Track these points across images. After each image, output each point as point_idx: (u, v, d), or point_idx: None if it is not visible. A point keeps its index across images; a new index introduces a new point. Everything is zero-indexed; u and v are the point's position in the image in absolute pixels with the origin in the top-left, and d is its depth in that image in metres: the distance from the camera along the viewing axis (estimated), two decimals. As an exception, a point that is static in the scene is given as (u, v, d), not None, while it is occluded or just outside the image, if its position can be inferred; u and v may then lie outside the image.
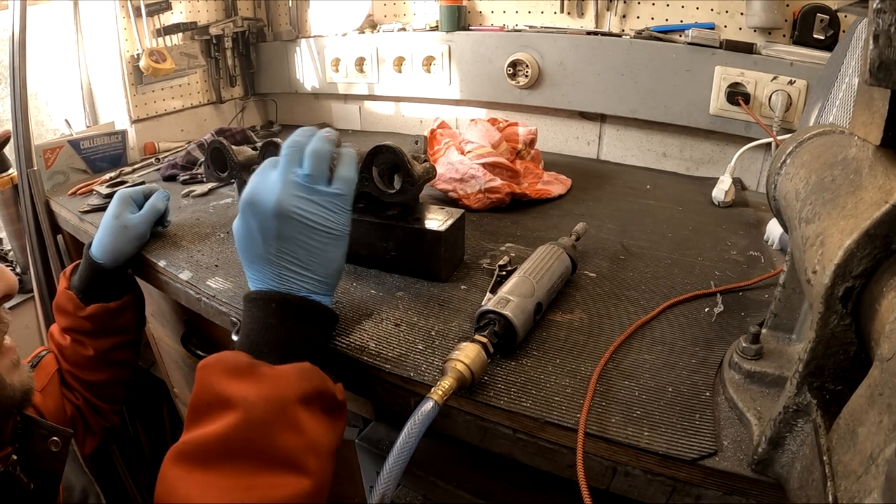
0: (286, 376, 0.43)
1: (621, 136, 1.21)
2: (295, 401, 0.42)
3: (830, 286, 0.30)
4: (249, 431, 0.40)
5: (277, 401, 0.42)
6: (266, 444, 0.40)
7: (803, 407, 0.35)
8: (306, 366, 0.45)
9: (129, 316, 0.79)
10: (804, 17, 0.94)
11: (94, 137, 1.20)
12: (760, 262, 0.72)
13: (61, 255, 1.13)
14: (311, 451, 0.42)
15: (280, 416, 0.41)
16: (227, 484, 0.39)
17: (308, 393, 0.43)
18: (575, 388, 0.49)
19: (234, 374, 0.43)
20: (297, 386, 0.43)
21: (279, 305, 0.47)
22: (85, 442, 0.77)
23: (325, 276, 0.50)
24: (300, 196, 0.48)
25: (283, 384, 0.43)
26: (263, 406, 0.41)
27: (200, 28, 1.44)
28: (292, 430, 0.42)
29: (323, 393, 0.45)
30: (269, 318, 0.47)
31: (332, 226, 0.49)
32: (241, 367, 0.43)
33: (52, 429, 0.52)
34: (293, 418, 0.42)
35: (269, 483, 0.40)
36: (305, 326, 0.48)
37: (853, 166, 0.35)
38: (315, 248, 0.49)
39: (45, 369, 0.74)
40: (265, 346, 0.46)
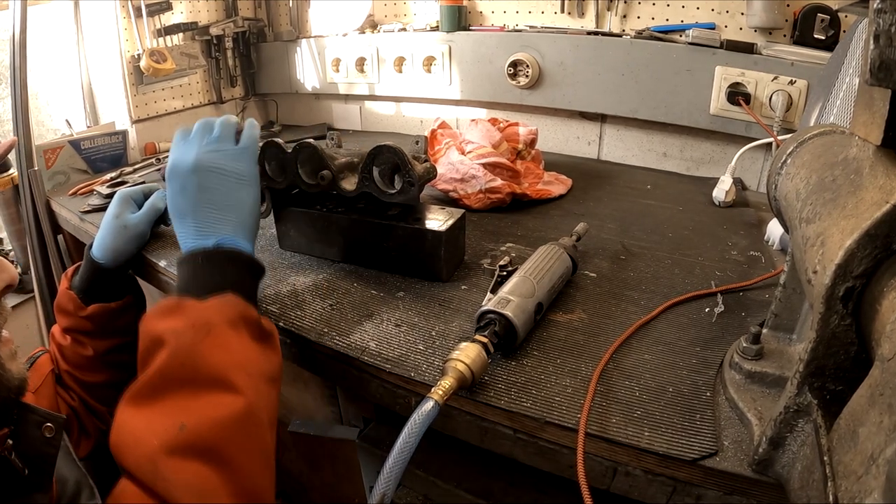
0: (210, 305, 0.47)
1: (622, 136, 1.21)
2: (222, 324, 0.45)
3: (831, 286, 0.30)
4: (181, 357, 0.43)
5: (203, 325, 0.45)
6: (197, 365, 0.43)
7: (804, 407, 0.35)
8: (229, 295, 0.48)
9: (130, 317, 0.79)
10: (805, 17, 0.94)
11: (94, 137, 1.20)
12: (761, 263, 0.72)
13: (62, 255, 1.13)
14: (241, 369, 0.44)
15: (206, 338, 0.44)
16: (169, 412, 0.41)
17: (232, 317, 0.46)
18: (575, 388, 0.49)
19: (164, 314, 0.46)
20: (220, 311, 0.46)
21: (203, 257, 0.52)
22: (80, 444, 0.76)
23: (239, 218, 0.56)
24: (212, 152, 0.56)
25: (208, 311, 0.46)
26: (191, 333, 0.44)
27: (201, 28, 1.44)
28: (220, 349, 0.44)
29: (248, 318, 0.48)
30: (195, 269, 0.51)
31: (240, 172, 0.57)
32: (169, 305, 0.47)
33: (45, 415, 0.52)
34: (220, 339, 0.45)
35: (205, 404, 0.42)
36: (229, 268, 0.52)
37: (854, 166, 0.35)
38: (228, 192, 0.56)
39: (40, 370, 0.74)
40: (193, 289, 0.49)
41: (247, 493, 0.41)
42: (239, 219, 0.56)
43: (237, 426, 0.42)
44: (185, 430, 0.39)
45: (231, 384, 0.43)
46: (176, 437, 0.39)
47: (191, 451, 0.39)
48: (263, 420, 0.44)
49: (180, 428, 0.39)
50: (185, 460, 0.39)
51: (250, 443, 0.42)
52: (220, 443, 0.40)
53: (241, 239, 0.55)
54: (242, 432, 0.42)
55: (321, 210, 0.71)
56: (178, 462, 0.39)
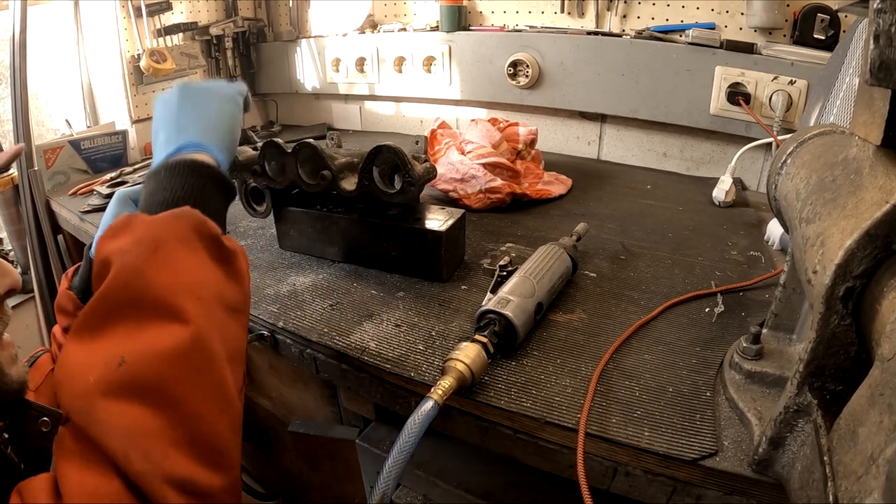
0: (160, 219, 0.42)
1: (622, 136, 1.21)
2: (171, 241, 0.40)
3: (831, 286, 0.30)
4: (124, 278, 0.38)
5: (150, 242, 0.40)
6: (140, 288, 0.38)
7: (804, 407, 0.35)
8: (183, 208, 0.43)
9: (130, 316, 0.79)
10: (805, 17, 0.94)
11: (94, 138, 1.20)
12: (761, 263, 0.72)
13: (62, 255, 1.13)
14: (190, 293, 0.39)
15: (153, 256, 0.39)
16: (109, 343, 0.37)
17: (186, 233, 0.41)
18: (575, 388, 0.49)
19: (114, 233, 0.42)
20: (171, 226, 0.41)
21: (167, 169, 0.47)
22: None
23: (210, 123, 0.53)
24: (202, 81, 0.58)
25: (156, 226, 0.41)
26: (136, 250, 0.39)
27: (201, 28, 1.44)
28: (167, 268, 0.39)
29: (204, 234, 0.42)
30: (158, 182, 0.47)
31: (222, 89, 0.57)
32: (119, 223, 0.42)
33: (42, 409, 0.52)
34: (168, 257, 0.40)
35: (148, 334, 0.37)
36: (190, 180, 0.47)
37: (854, 166, 0.35)
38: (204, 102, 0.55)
39: (41, 369, 0.74)
40: (152, 206, 0.45)
41: (196, 439, 0.36)
42: (209, 124, 0.53)
43: (182, 360, 0.36)
44: (123, 365, 0.35)
45: (177, 310, 0.38)
46: (113, 373, 0.35)
47: (129, 389, 0.35)
48: (217, 353, 0.39)
49: (119, 363, 0.35)
50: (122, 401, 0.35)
51: (200, 379, 0.37)
52: (163, 380, 0.36)
53: (210, 146, 0.51)
54: (189, 367, 0.37)
55: (321, 210, 0.71)
56: (115, 403, 0.35)
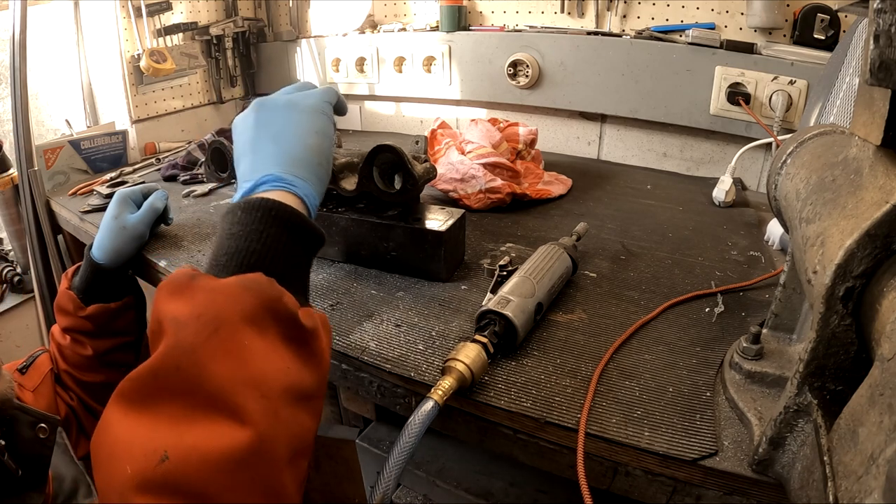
0: (226, 289, 0.35)
1: (622, 136, 1.21)
2: (236, 320, 0.34)
3: (831, 286, 0.30)
4: (177, 358, 0.33)
5: (211, 319, 0.33)
6: (195, 374, 0.32)
7: (804, 407, 0.35)
8: (255, 276, 0.36)
9: (130, 317, 0.79)
10: (804, 17, 0.94)
11: (94, 137, 1.20)
12: (761, 263, 0.72)
13: (62, 255, 1.13)
14: (253, 387, 0.33)
15: (213, 338, 0.33)
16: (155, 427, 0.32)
17: (255, 310, 0.35)
18: (575, 389, 0.49)
19: (173, 291, 0.36)
20: (239, 301, 0.34)
21: (244, 210, 0.40)
22: (79, 444, 0.76)
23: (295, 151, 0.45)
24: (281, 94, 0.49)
25: (222, 299, 0.34)
26: (194, 326, 0.33)
27: (201, 28, 1.44)
28: (227, 357, 0.33)
29: (278, 311, 0.36)
30: (233, 226, 0.40)
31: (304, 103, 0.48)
32: (180, 280, 0.36)
33: (39, 416, 0.52)
34: (230, 343, 0.33)
35: (199, 429, 0.31)
36: (269, 230, 0.40)
37: (854, 166, 0.35)
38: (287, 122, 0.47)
39: (39, 369, 0.74)
40: (223, 256, 0.39)
41: None
42: (292, 150, 0.45)
43: (235, 468, 0.31)
44: (166, 462, 0.30)
45: (235, 408, 0.32)
46: (154, 469, 0.30)
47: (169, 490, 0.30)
48: (279, 456, 0.33)
49: (161, 458, 0.30)
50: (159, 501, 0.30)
51: (253, 488, 0.32)
52: (209, 487, 0.30)
53: (294, 180, 0.43)
54: (242, 476, 0.31)
55: (321, 210, 0.71)
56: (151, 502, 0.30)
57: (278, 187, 0.43)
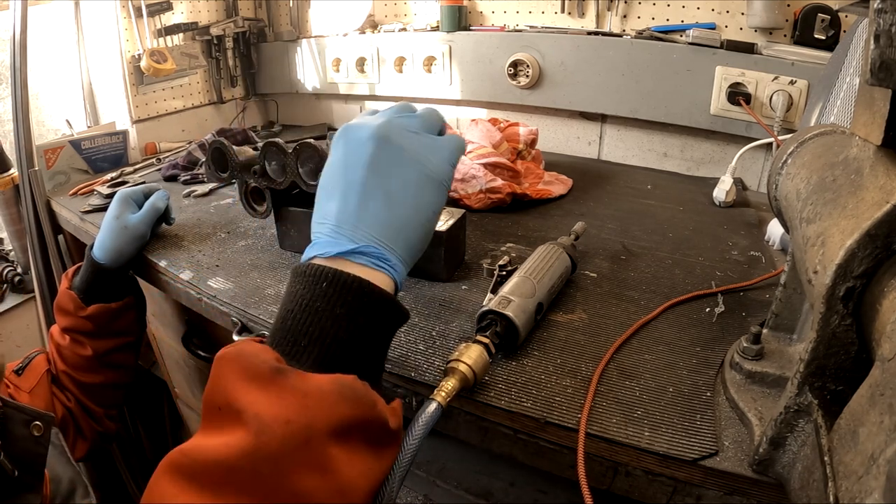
0: (320, 394, 0.32)
1: (622, 136, 1.21)
2: (326, 433, 0.32)
3: (831, 286, 0.30)
4: (258, 462, 0.30)
5: (302, 429, 0.31)
6: (278, 483, 0.30)
7: (804, 407, 0.35)
8: (351, 382, 0.34)
9: (130, 317, 0.79)
10: (805, 17, 0.93)
11: (95, 137, 1.20)
12: (761, 263, 0.72)
13: (62, 255, 1.13)
14: (338, 497, 0.32)
15: (302, 450, 0.31)
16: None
17: (347, 422, 0.33)
18: (576, 389, 0.49)
19: (252, 379, 0.33)
20: (333, 411, 0.32)
21: (331, 285, 0.36)
22: (76, 446, 0.76)
23: (407, 227, 0.40)
24: (406, 130, 0.42)
25: (315, 405, 0.32)
26: (281, 433, 0.31)
27: (201, 28, 1.44)
28: (317, 471, 0.31)
29: (370, 422, 0.34)
30: (315, 300, 0.36)
31: (434, 166, 0.41)
32: (261, 370, 0.33)
33: (33, 413, 0.51)
34: (320, 456, 0.31)
35: None
36: (361, 319, 0.37)
37: (854, 166, 0.35)
38: (408, 181, 0.40)
39: (35, 370, 0.74)
40: (303, 337, 0.36)
41: None
42: (406, 228, 0.40)
43: None
44: None
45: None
46: None
47: None
48: None
49: None
50: None
51: None
52: None
53: (395, 259, 0.39)
54: None
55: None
56: None
57: (377, 266, 0.38)
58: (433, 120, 0.45)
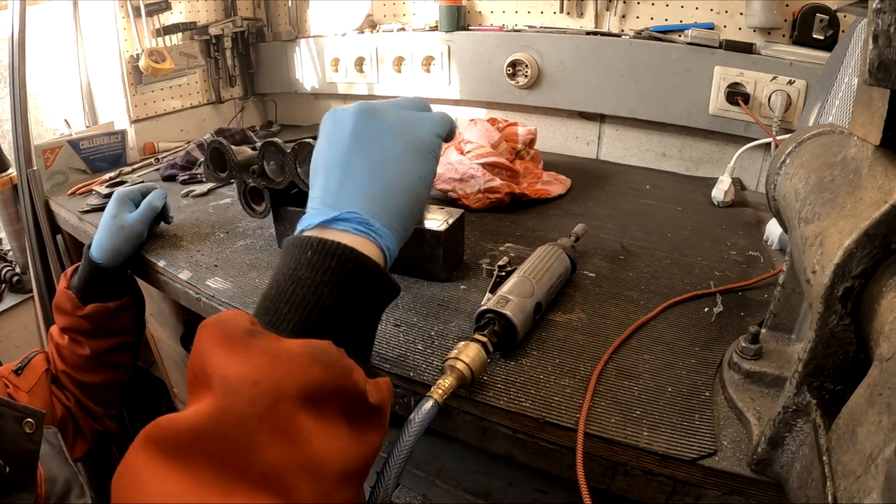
0: (291, 356, 0.31)
1: (621, 136, 1.21)
2: (295, 396, 0.30)
3: (830, 286, 0.30)
4: (224, 426, 0.29)
5: (269, 391, 0.30)
6: (244, 448, 0.29)
7: (803, 407, 0.35)
8: (325, 346, 0.32)
9: (128, 317, 0.79)
10: (804, 17, 0.94)
11: (93, 137, 1.20)
12: (760, 262, 0.72)
13: (60, 255, 1.13)
14: (307, 471, 0.30)
15: (268, 414, 0.29)
16: (190, 488, 0.29)
17: (320, 387, 0.31)
18: (574, 388, 0.49)
19: (225, 342, 0.31)
20: (304, 374, 0.30)
21: (315, 252, 0.35)
22: (75, 446, 0.76)
23: (389, 192, 0.40)
24: (390, 106, 0.43)
25: (284, 369, 0.30)
26: (248, 394, 0.29)
27: (200, 28, 1.44)
28: (283, 437, 0.30)
29: (345, 390, 0.32)
30: (300, 268, 0.35)
31: (418, 135, 0.42)
32: (235, 334, 0.31)
33: (24, 410, 0.51)
34: (288, 420, 0.30)
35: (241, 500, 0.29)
36: (346, 285, 0.35)
37: (852, 166, 0.35)
38: (388, 150, 0.40)
39: (34, 370, 0.74)
40: (285, 304, 0.35)
41: None
42: (390, 194, 0.40)
43: None
44: None
45: (285, 490, 0.29)
46: None
47: None
48: None
49: None
50: None
51: None
52: None
53: (381, 226, 0.39)
54: None
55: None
56: None
57: (361, 232, 0.38)
58: (418, 101, 0.46)
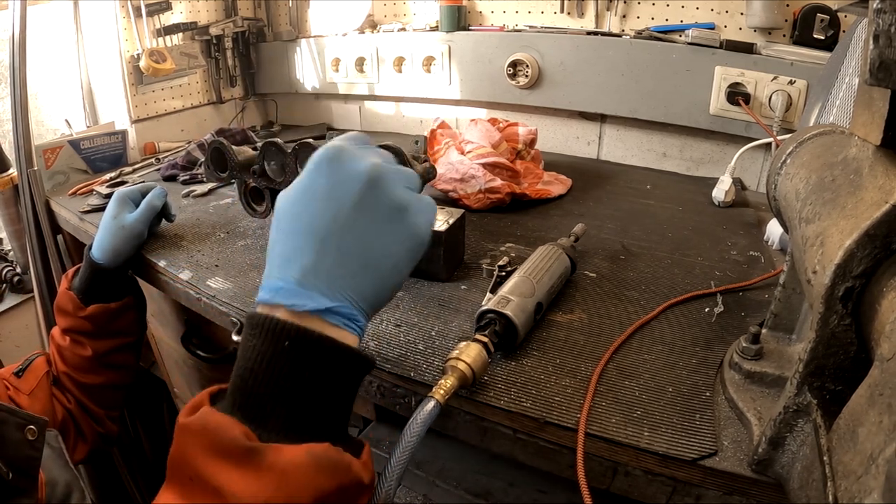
0: (296, 468, 0.32)
1: (621, 136, 1.21)
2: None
3: (830, 286, 0.30)
4: None
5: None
6: None
7: (803, 407, 0.35)
8: (325, 451, 0.33)
9: (130, 318, 0.79)
10: (804, 17, 0.94)
11: (94, 137, 1.20)
12: (760, 262, 0.72)
13: (61, 255, 1.13)
14: None
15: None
16: None
17: (326, 493, 0.32)
18: (575, 388, 0.49)
19: (225, 456, 0.32)
20: (311, 485, 0.32)
21: (294, 345, 0.34)
22: (76, 447, 0.76)
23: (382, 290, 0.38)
24: (397, 179, 0.39)
25: (293, 482, 0.31)
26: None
27: (200, 28, 1.44)
28: None
29: (346, 487, 0.34)
30: (277, 360, 0.34)
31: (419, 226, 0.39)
32: (234, 448, 0.32)
33: (27, 417, 0.51)
34: None
35: None
36: (330, 380, 0.35)
37: (853, 166, 0.35)
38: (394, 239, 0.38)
39: (35, 372, 0.74)
40: (269, 400, 0.34)
41: None
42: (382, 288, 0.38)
43: None
44: None
45: None
46: None
47: None
48: None
49: None
50: None
51: None
52: None
53: (364, 320, 0.38)
54: None
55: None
56: None
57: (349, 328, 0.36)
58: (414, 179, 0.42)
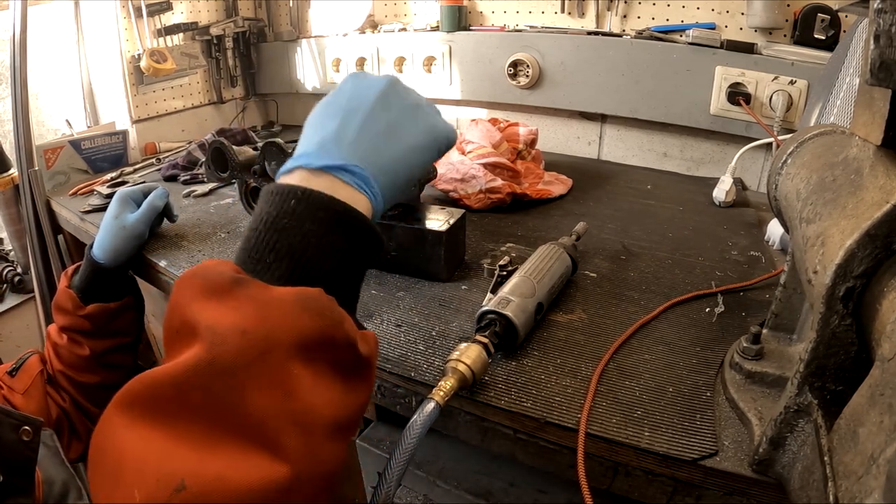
0: (282, 305, 0.30)
1: (622, 136, 1.21)
2: (287, 346, 0.29)
3: (831, 286, 0.30)
4: (210, 377, 0.28)
5: (259, 340, 0.28)
6: (231, 400, 0.28)
7: (804, 407, 0.35)
8: (315, 294, 0.31)
9: (129, 318, 0.79)
10: (805, 17, 0.93)
11: (94, 137, 1.20)
12: (761, 263, 0.72)
13: (62, 255, 1.13)
14: (296, 424, 0.29)
15: (259, 364, 0.28)
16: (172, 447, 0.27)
17: (311, 336, 0.30)
18: (576, 389, 0.49)
19: (209, 292, 0.30)
20: (296, 323, 0.29)
21: (300, 202, 0.33)
22: (70, 446, 0.76)
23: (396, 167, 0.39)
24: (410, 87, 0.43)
25: (276, 315, 0.29)
26: (237, 343, 0.28)
27: (201, 28, 1.44)
28: (275, 389, 0.28)
29: (336, 339, 0.31)
30: (282, 216, 0.33)
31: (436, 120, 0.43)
32: (219, 282, 0.30)
33: (22, 418, 0.51)
34: (279, 373, 0.28)
35: (227, 458, 0.27)
36: (333, 237, 0.34)
37: (854, 166, 0.35)
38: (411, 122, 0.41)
39: (29, 371, 0.73)
40: (269, 252, 0.33)
41: None
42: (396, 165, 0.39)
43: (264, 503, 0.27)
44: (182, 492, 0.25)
45: (273, 443, 0.28)
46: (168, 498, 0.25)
47: None
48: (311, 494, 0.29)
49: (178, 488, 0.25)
50: None
51: None
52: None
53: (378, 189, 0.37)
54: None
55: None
56: None
57: (362, 189, 0.37)
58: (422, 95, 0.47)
